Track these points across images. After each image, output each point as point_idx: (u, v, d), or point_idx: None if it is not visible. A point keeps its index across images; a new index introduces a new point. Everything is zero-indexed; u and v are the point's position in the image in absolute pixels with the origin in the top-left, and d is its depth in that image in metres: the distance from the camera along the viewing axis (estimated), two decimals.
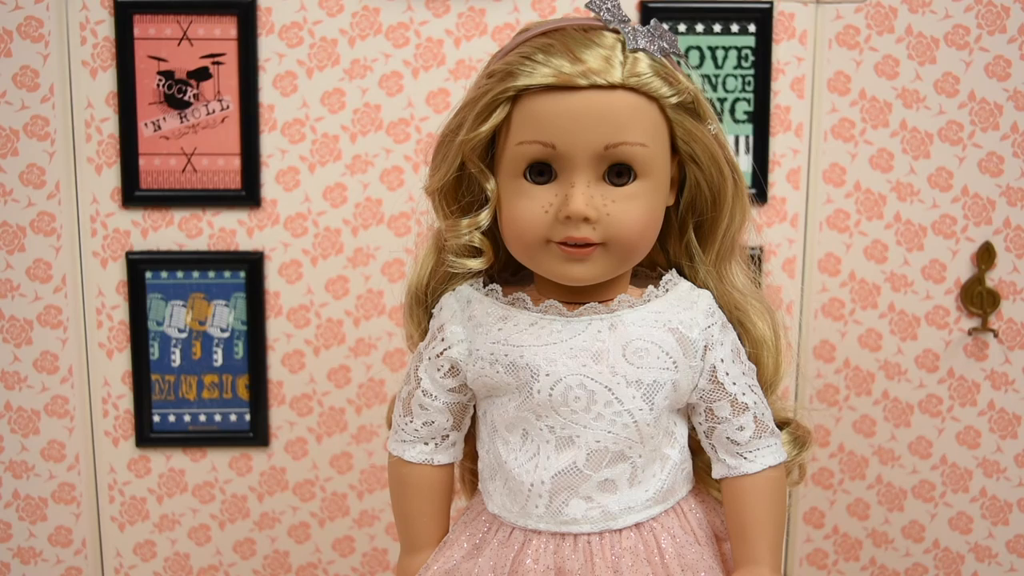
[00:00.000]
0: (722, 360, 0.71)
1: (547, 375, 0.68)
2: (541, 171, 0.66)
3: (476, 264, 0.70)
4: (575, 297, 0.69)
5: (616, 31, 0.66)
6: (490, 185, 0.67)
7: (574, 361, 0.68)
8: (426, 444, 0.74)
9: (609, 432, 0.69)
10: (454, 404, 0.73)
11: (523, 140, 0.65)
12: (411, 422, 0.73)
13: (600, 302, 0.69)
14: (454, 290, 0.73)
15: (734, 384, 0.71)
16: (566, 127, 0.64)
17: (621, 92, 0.64)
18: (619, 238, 0.66)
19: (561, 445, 0.69)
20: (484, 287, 0.72)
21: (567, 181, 0.65)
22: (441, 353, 0.71)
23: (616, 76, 0.64)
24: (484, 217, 0.68)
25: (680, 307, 0.71)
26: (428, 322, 0.74)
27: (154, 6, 1.04)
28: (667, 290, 0.72)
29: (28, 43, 1.03)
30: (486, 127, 0.65)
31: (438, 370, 0.72)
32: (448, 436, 0.74)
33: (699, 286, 0.73)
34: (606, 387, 0.68)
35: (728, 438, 0.71)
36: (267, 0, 1.05)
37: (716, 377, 0.71)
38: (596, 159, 0.65)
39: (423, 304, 0.74)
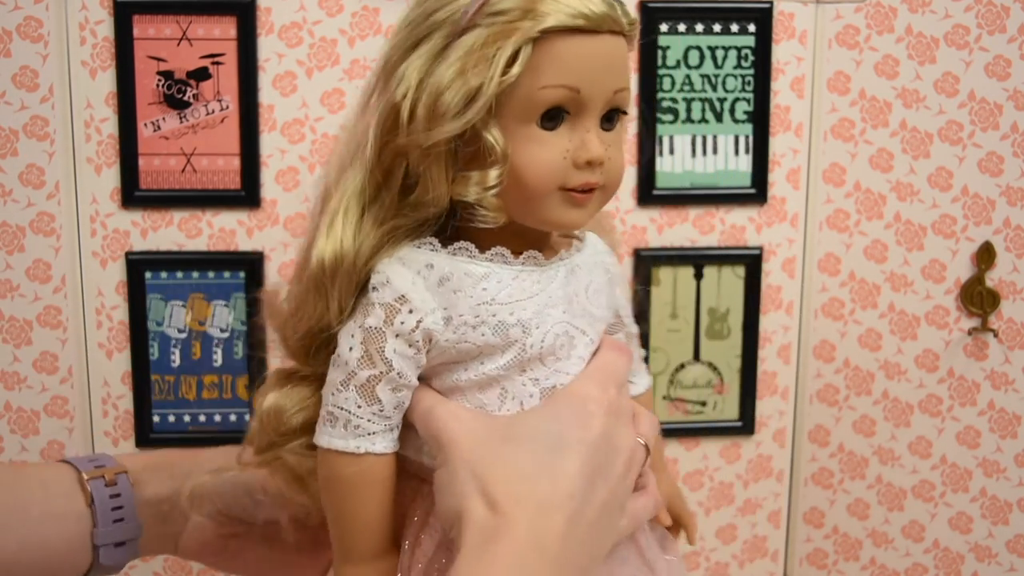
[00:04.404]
0: (620, 295, 0.74)
1: (537, 327, 0.66)
2: (552, 117, 0.64)
3: (501, 217, 0.65)
4: (520, 247, 0.67)
5: None
6: (496, 134, 0.63)
7: (555, 309, 0.67)
8: (392, 431, 0.67)
9: (577, 371, 0.69)
10: (416, 380, 0.68)
11: (548, 84, 0.63)
12: (381, 410, 0.66)
13: (540, 250, 0.68)
14: (394, 257, 0.66)
15: (628, 316, 0.75)
16: (590, 71, 0.63)
17: (621, 38, 0.65)
18: (613, 182, 0.67)
19: (544, 395, 0.67)
20: (444, 247, 0.66)
21: (581, 127, 0.64)
22: (416, 326, 0.65)
23: (623, 23, 0.64)
24: (494, 175, 0.64)
25: (599, 247, 0.73)
26: (350, 299, 0.67)
27: (154, 6, 1.04)
28: (586, 233, 0.73)
29: (28, 43, 1.03)
30: (516, 68, 0.62)
31: (410, 346, 0.65)
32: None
33: None
34: (582, 330, 0.69)
35: None
36: (267, 0, 1.05)
37: (619, 312, 0.74)
38: (604, 104, 0.65)
39: (354, 278, 0.66)
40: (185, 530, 0.78)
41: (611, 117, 0.66)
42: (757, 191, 1.12)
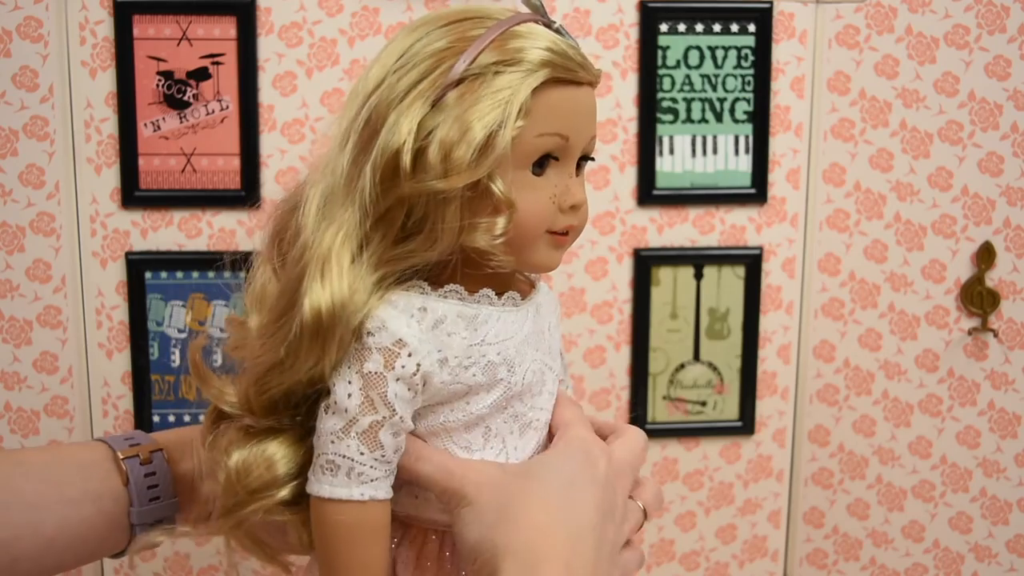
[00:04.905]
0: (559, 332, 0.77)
1: (519, 365, 0.68)
2: (541, 163, 0.66)
3: (511, 262, 0.67)
4: (501, 288, 0.69)
5: (550, 26, 0.68)
6: (500, 184, 0.64)
7: (530, 348, 0.69)
8: (391, 476, 0.67)
9: (550, 407, 0.72)
10: (412, 424, 0.68)
11: (544, 132, 0.65)
12: (383, 456, 0.65)
13: (515, 291, 0.70)
14: (385, 300, 0.65)
15: (563, 352, 0.78)
16: (577, 120, 0.67)
17: (592, 88, 0.69)
18: (583, 224, 0.70)
19: (522, 431, 0.70)
20: (434, 290, 0.66)
21: (565, 172, 0.67)
22: (416, 370, 0.64)
23: (596, 74, 0.68)
24: (502, 223, 0.65)
25: (544, 286, 0.75)
26: (344, 346, 0.64)
27: (153, 6, 1.04)
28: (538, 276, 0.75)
29: (27, 43, 1.03)
30: (522, 120, 0.64)
31: (410, 389, 0.65)
32: None
33: None
34: (549, 367, 0.71)
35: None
36: (266, 0, 1.05)
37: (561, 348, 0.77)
38: (581, 151, 0.68)
39: (352, 326, 0.64)
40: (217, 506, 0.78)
41: (580, 163, 0.69)
42: (757, 191, 1.12)
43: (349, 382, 0.64)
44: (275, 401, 0.67)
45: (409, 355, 0.64)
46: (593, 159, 0.71)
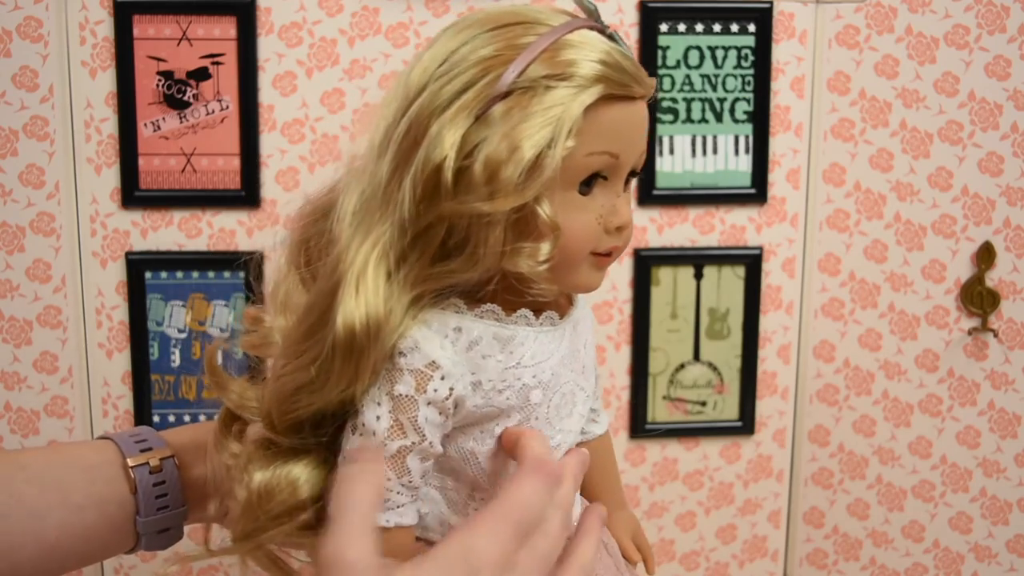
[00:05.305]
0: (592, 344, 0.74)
1: (552, 388, 0.65)
2: (589, 182, 0.63)
3: (554, 288, 0.64)
4: (539, 308, 0.66)
5: (603, 31, 0.64)
6: (547, 207, 0.61)
7: (565, 368, 0.66)
8: (416, 502, 0.64)
9: (578, 429, 0.69)
10: (441, 448, 0.65)
11: (594, 151, 0.61)
12: (410, 481, 0.62)
13: (553, 309, 0.67)
14: (419, 320, 0.62)
15: (595, 362, 0.73)
16: (628, 137, 0.63)
17: (644, 102, 0.64)
18: (627, 243, 0.66)
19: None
20: (470, 309, 0.63)
21: (612, 191, 0.63)
22: (449, 394, 0.61)
23: (650, 87, 0.64)
24: (547, 249, 0.61)
25: (581, 299, 0.71)
26: (377, 371, 0.61)
27: (153, 6, 1.04)
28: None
29: (27, 43, 1.03)
30: (572, 140, 0.60)
31: (441, 413, 0.61)
32: None
33: None
34: (581, 387, 0.68)
35: (590, 408, 0.73)
36: (266, 0, 1.05)
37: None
38: (631, 168, 0.65)
39: (388, 344, 0.61)
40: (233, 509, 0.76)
41: (627, 179, 0.65)
42: (757, 191, 1.12)
43: (378, 404, 0.61)
44: (301, 422, 0.64)
45: (442, 378, 0.61)
46: (640, 174, 0.67)
